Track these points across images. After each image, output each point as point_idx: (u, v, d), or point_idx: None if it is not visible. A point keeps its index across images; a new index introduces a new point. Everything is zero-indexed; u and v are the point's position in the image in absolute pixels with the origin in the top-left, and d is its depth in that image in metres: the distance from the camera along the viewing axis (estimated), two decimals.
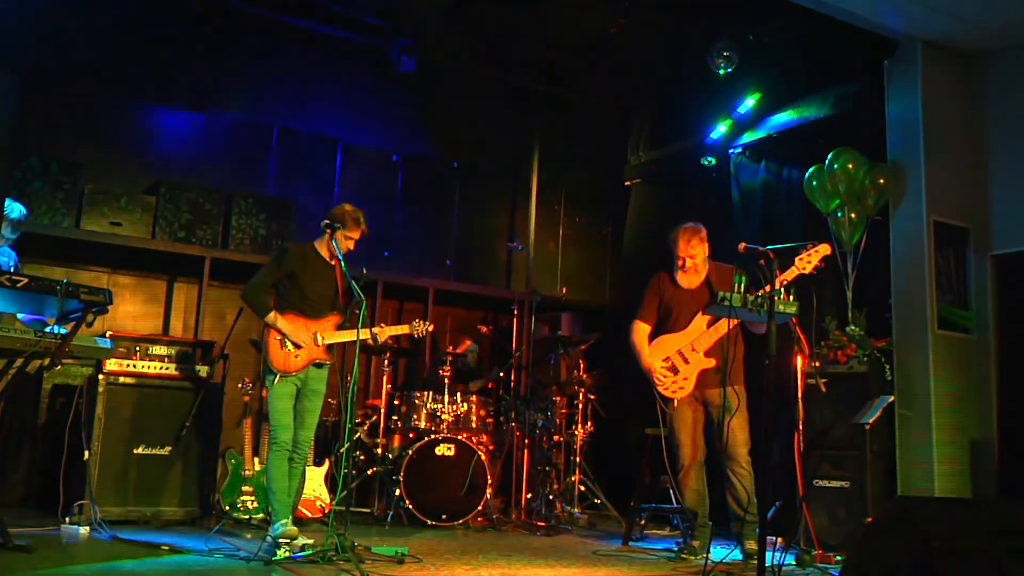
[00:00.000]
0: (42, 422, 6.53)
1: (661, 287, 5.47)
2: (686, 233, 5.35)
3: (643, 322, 5.46)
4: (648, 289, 5.52)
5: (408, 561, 4.63)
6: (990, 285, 6.30)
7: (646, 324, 5.45)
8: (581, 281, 9.17)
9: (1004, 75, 6.40)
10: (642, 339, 5.42)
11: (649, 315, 5.45)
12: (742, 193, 7.63)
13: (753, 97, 7.43)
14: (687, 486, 5.34)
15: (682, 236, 5.35)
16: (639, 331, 5.44)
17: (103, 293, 4.33)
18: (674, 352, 5.31)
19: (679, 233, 5.37)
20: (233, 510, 5.94)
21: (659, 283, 5.49)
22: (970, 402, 6.16)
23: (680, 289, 5.40)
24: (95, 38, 7.25)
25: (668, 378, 5.29)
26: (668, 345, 5.35)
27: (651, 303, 5.47)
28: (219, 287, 7.36)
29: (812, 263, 5.01)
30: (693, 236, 5.34)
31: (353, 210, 5.05)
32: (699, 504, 5.35)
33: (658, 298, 5.45)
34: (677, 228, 5.40)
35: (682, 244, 5.33)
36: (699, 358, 5.28)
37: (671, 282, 5.45)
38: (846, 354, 5.90)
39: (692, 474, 5.33)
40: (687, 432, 5.32)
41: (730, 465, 5.20)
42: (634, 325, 5.47)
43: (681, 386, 5.28)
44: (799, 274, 5.01)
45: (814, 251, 5.02)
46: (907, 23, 6.19)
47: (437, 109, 8.70)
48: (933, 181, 6.23)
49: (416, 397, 6.70)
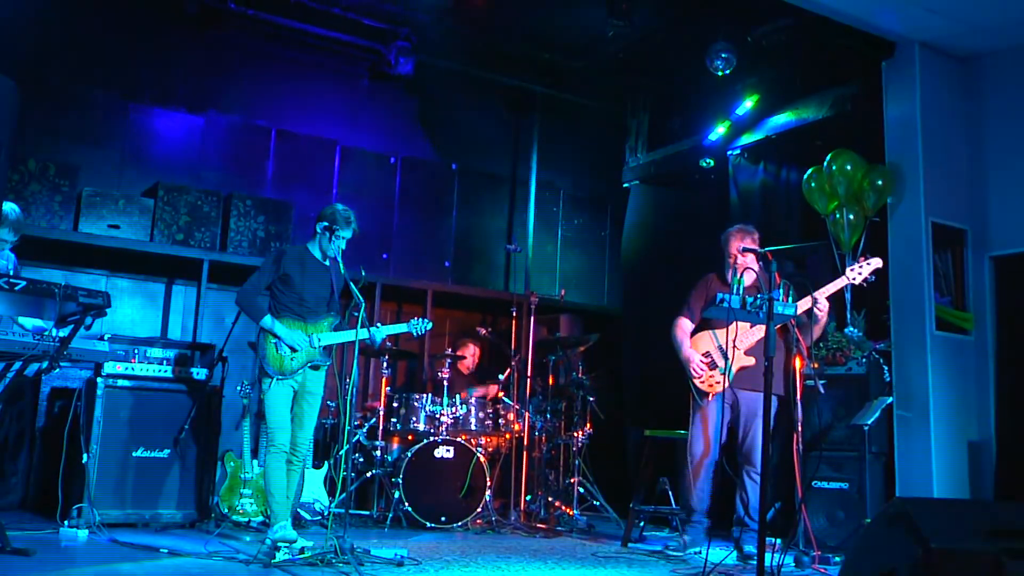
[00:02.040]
0: (41, 425, 6.52)
1: (709, 287, 5.49)
2: (740, 233, 5.43)
3: (687, 319, 5.51)
4: (695, 288, 5.57)
5: (407, 563, 4.63)
6: (988, 286, 6.31)
7: (690, 321, 5.50)
8: (580, 283, 9.18)
9: (1002, 76, 6.41)
10: (684, 334, 5.47)
11: (694, 313, 5.49)
12: (741, 194, 7.63)
13: (752, 99, 7.44)
14: (694, 482, 5.37)
15: (735, 236, 5.41)
16: (682, 327, 5.49)
17: (101, 296, 4.33)
18: (714, 347, 5.34)
19: (733, 233, 5.44)
20: (232, 513, 5.93)
21: (707, 283, 5.54)
22: (968, 403, 6.17)
23: (725, 286, 5.40)
24: (93, 40, 7.25)
25: (705, 372, 5.32)
26: (709, 340, 5.39)
27: (697, 301, 5.50)
28: (218, 290, 7.36)
29: (863, 275, 5.07)
30: (747, 236, 5.41)
31: (344, 210, 5.05)
32: (699, 502, 5.38)
33: (704, 297, 5.45)
34: (731, 229, 5.48)
35: (735, 243, 5.38)
36: (739, 356, 5.30)
37: (721, 282, 5.49)
38: (845, 356, 5.91)
39: (702, 472, 5.37)
40: (709, 429, 5.34)
41: (748, 469, 5.28)
42: (677, 321, 5.52)
43: (718, 380, 5.31)
44: (847, 284, 5.09)
45: (866, 263, 5.08)
46: (904, 24, 6.20)
47: (435, 111, 8.71)
48: (931, 182, 6.24)
49: (415, 399, 6.70)
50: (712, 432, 5.31)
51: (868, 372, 5.82)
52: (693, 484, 5.40)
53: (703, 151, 7.94)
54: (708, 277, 5.59)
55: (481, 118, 9.05)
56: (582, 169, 9.50)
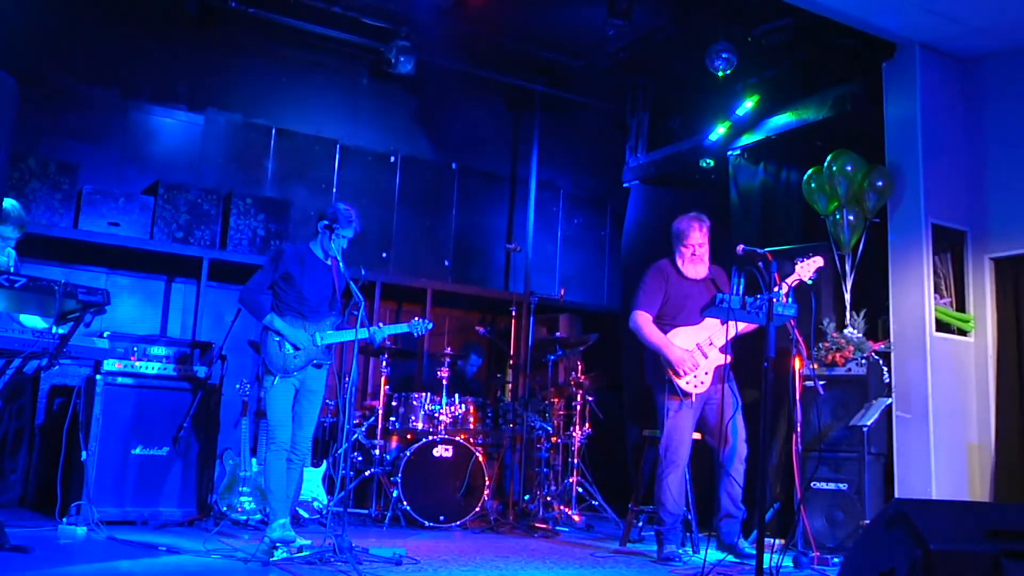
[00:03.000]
0: (40, 423, 6.52)
1: (667, 277, 5.30)
2: (696, 221, 5.29)
3: (646, 312, 5.26)
4: (650, 277, 5.33)
5: (406, 563, 4.63)
6: (988, 288, 6.31)
7: (648, 314, 5.25)
8: (579, 283, 9.19)
9: (1002, 78, 6.41)
10: (653, 328, 5.21)
11: (652, 304, 5.26)
12: (741, 195, 7.63)
13: (752, 99, 7.43)
14: (675, 486, 5.17)
15: (694, 224, 5.27)
16: (646, 320, 5.24)
17: (101, 293, 4.32)
18: (693, 346, 5.16)
19: (690, 221, 5.29)
20: (231, 511, 5.93)
21: (662, 272, 5.32)
22: (968, 405, 6.17)
23: (686, 280, 5.30)
24: (93, 38, 7.26)
25: (693, 371, 5.13)
26: (687, 339, 5.18)
27: (655, 292, 5.27)
28: (217, 288, 7.37)
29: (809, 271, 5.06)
30: (704, 224, 5.30)
31: (346, 209, 5.06)
32: (679, 507, 5.22)
33: (664, 288, 5.27)
34: (685, 217, 5.33)
35: (695, 232, 5.26)
36: (715, 353, 5.17)
37: (677, 272, 5.31)
38: (844, 356, 5.90)
39: (680, 475, 5.21)
40: (688, 431, 5.21)
41: (733, 466, 5.15)
42: (638, 315, 5.26)
43: (702, 380, 5.15)
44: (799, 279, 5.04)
45: (810, 261, 5.06)
46: (905, 25, 6.20)
47: (435, 110, 8.71)
48: (931, 183, 6.24)
49: (414, 398, 6.70)
50: (690, 432, 5.21)
51: (867, 373, 5.82)
52: (672, 490, 5.17)
53: (703, 151, 7.94)
54: (662, 266, 5.33)
55: (481, 117, 9.06)
56: (582, 168, 9.51)
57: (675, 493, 5.18)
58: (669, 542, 5.23)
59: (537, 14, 7.64)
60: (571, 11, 7.56)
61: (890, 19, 6.14)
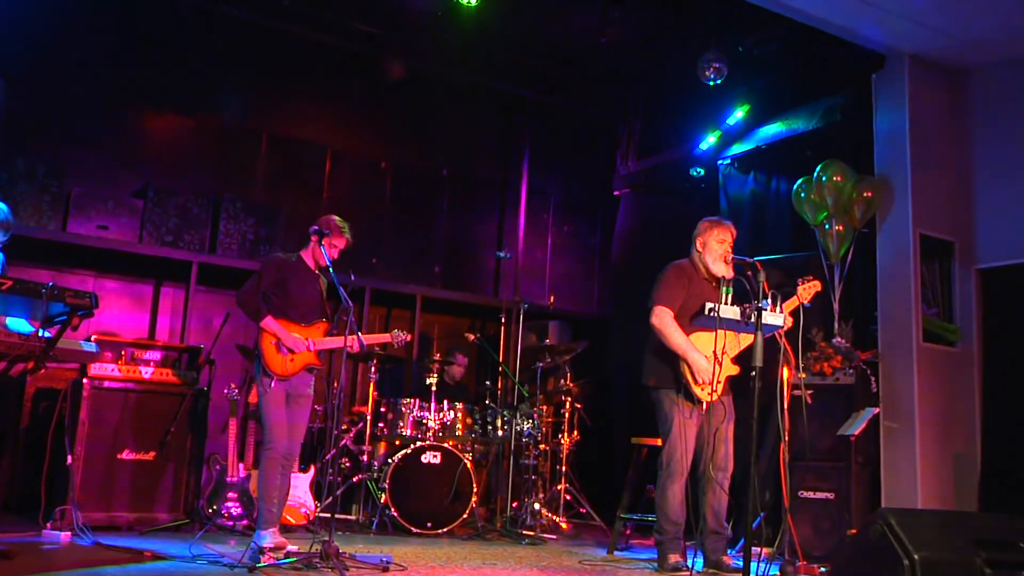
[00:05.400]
0: (24, 426, 6.48)
1: (689, 276, 5.12)
2: (727, 220, 5.20)
3: (668, 307, 5.02)
4: (671, 274, 5.14)
5: (393, 569, 4.61)
6: (975, 298, 6.35)
7: (671, 310, 5.04)
8: (569, 290, 9.19)
9: (990, 89, 6.46)
10: (677, 328, 4.98)
11: (675, 301, 5.05)
12: (730, 204, 7.66)
13: (742, 109, 7.47)
14: (678, 496, 5.05)
15: (726, 225, 5.14)
16: (671, 317, 5.00)
17: (89, 296, 4.30)
18: (710, 354, 4.95)
19: (719, 223, 5.15)
20: (217, 516, 5.91)
21: (684, 271, 5.15)
22: (954, 415, 6.20)
23: (706, 283, 5.12)
24: (84, 41, 7.22)
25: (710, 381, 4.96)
26: (705, 346, 4.98)
27: (678, 289, 5.08)
28: (206, 292, 7.34)
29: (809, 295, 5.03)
30: (725, 230, 5.14)
31: (340, 220, 5.12)
32: (681, 516, 5.11)
33: (686, 287, 5.09)
34: (714, 218, 5.21)
35: (729, 232, 5.12)
36: (728, 364, 5.05)
37: (696, 271, 5.14)
38: (832, 366, 5.92)
39: (684, 484, 5.07)
40: (692, 440, 5.05)
41: (719, 477, 5.02)
42: (662, 311, 5.02)
43: (716, 389, 4.99)
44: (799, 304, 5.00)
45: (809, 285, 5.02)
46: (894, 37, 6.24)
47: (426, 117, 8.71)
48: (919, 194, 6.28)
49: (402, 404, 6.69)
50: (695, 443, 5.08)
51: (855, 382, 5.84)
52: (675, 499, 5.05)
53: (694, 160, 7.97)
54: (683, 266, 5.17)
55: (472, 124, 9.06)
56: (573, 176, 9.52)
57: (678, 502, 5.07)
58: (671, 552, 5.10)
59: (529, 21, 7.65)
60: (563, 18, 7.58)
61: (878, 30, 6.18)
